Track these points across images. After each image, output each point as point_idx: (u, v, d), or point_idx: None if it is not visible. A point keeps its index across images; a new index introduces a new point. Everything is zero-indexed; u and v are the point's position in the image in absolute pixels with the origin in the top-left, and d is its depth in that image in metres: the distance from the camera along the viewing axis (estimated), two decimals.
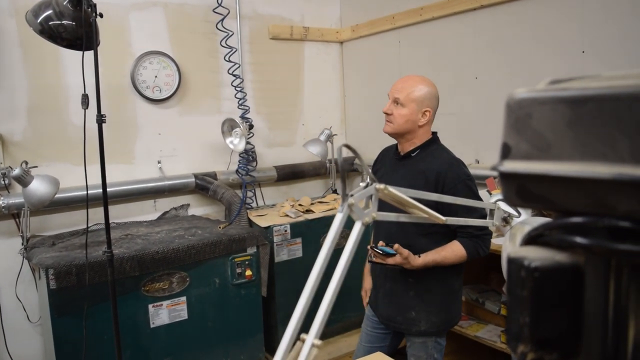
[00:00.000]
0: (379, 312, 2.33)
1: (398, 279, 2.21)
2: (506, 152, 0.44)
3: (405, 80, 2.21)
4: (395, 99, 2.17)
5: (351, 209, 0.67)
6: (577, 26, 2.62)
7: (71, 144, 3.11)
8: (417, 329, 2.20)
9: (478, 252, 2.11)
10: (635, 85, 0.36)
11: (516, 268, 0.42)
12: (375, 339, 2.38)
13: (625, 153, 0.36)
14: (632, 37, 2.40)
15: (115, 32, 3.25)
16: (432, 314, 2.19)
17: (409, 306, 2.20)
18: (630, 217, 0.37)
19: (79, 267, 2.51)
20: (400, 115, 2.16)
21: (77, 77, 2.35)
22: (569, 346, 0.42)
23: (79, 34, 2.26)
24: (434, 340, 2.23)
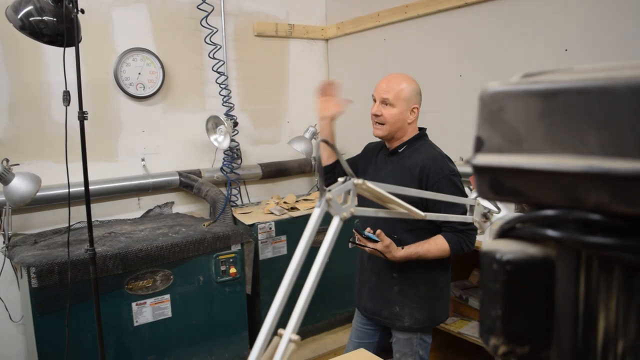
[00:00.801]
0: (363, 306, 2.34)
1: (382, 274, 2.22)
2: (479, 146, 0.44)
3: (390, 80, 2.19)
4: (383, 99, 2.16)
5: (329, 204, 0.67)
6: (560, 24, 2.64)
7: (53, 141, 3.07)
8: (400, 324, 2.21)
9: (462, 247, 2.11)
10: (606, 78, 0.36)
11: (488, 261, 0.42)
12: (364, 335, 2.40)
13: (594, 146, 0.36)
14: (615, 35, 2.42)
15: (98, 28, 3.22)
16: (416, 310, 2.20)
17: (393, 301, 2.21)
18: (600, 210, 0.37)
19: (61, 266, 2.49)
20: (390, 116, 2.15)
21: (59, 74, 2.32)
22: (540, 339, 0.42)
23: (60, 30, 2.24)
24: (419, 337, 2.24)
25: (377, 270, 2.24)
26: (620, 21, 2.40)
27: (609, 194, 0.36)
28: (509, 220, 0.44)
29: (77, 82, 2.21)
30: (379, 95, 2.17)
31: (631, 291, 0.38)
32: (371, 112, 2.20)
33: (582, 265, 0.40)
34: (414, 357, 2.24)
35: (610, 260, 0.38)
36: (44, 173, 2.83)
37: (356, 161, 2.44)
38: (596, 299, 0.39)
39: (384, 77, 2.23)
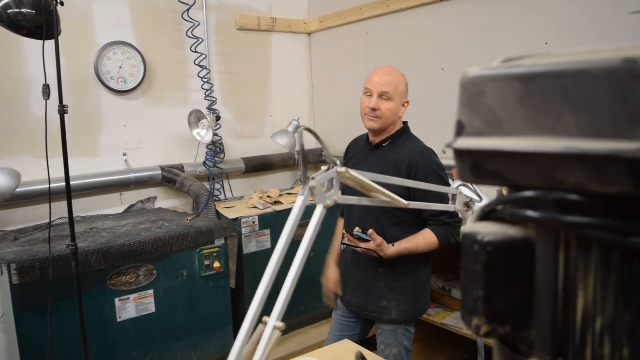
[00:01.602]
0: (349, 302, 2.35)
1: (369, 269, 2.24)
2: (460, 130, 0.44)
3: (388, 73, 2.18)
4: (382, 93, 2.14)
5: (312, 192, 0.67)
6: (540, 18, 2.66)
7: (33, 136, 3.03)
8: (388, 317, 2.23)
9: (449, 239, 2.14)
10: (582, 61, 0.37)
11: (470, 243, 0.43)
12: (345, 327, 2.40)
13: (572, 127, 0.37)
14: (596, 27, 2.45)
15: (77, 21, 3.18)
16: (402, 302, 2.23)
17: (380, 295, 2.23)
18: (578, 190, 0.38)
19: (43, 262, 2.47)
20: (388, 110, 2.14)
21: (38, 68, 2.30)
22: (521, 318, 0.43)
23: (39, 22, 2.21)
24: (403, 328, 2.26)
25: (363, 266, 2.25)
26: (600, 15, 2.43)
27: (586, 174, 0.37)
28: (490, 202, 0.44)
29: (57, 76, 2.18)
30: (377, 89, 2.14)
31: (608, 269, 0.39)
32: (367, 105, 2.16)
33: (561, 245, 0.40)
34: (398, 347, 2.26)
35: (588, 239, 0.39)
36: (24, 169, 2.80)
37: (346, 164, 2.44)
38: (575, 278, 0.40)
39: (377, 70, 2.21)
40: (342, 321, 2.42)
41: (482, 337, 0.45)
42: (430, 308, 3.08)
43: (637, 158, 0.34)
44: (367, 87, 2.17)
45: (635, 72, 0.34)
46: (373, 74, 2.19)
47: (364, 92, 2.19)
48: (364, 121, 2.20)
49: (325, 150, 0.74)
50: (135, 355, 2.79)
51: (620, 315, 0.40)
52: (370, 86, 2.16)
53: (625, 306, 0.39)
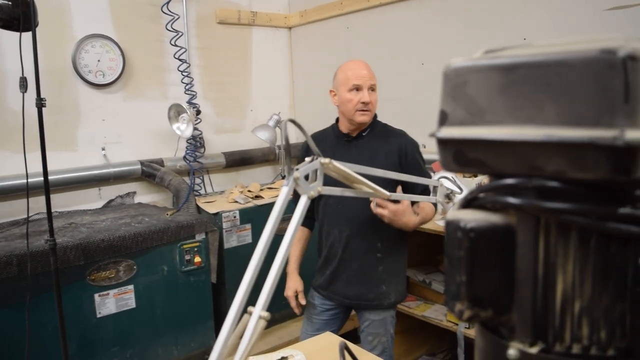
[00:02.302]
0: (342, 294, 2.32)
1: (366, 258, 2.25)
2: (443, 119, 0.45)
3: (366, 66, 2.22)
4: (372, 85, 2.18)
5: (297, 182, 0.68)
6: (519, 14, 2.69)
7: (10, 130, 2.98)
8: (388, 301, 2.28)
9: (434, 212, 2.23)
10: (562, 52, 0.38)
11: (453, 230, 0.44)
12: (323, 325, 2.39)
13: (552, 116, 0.38)
14: (573, 24, 2.49)
15: (54, 13, 3.13)
16: (398, 283, 2.31)
17: (379, 281, 2.26)
18: (557, 177, 0.39)
19: (20, 257, 2.43)
20: (376, 101, 2.21)
21: (15, 61, 2.26)
22: (502, 303, 0.44)
23: (15, 14, 2.17)
24: (391, 316, 2.32)
25: (360, 256, 2.25)
26: (576, 11, 2.47)
27: (565, 161, 0.38)
28: (472, 190, 0.46)
29: (35, 68, 2.15)
30: (366, 83, 2.16)
31: (586, 253, 0.40)
32: (358, 100, 2.16)
33: (541, 231, 0.42)
34: (386, 336, 2.30)
35: (567, 224, 0.40)
36: (0, 163, 2.76)
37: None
38: (554, 263, 0.42)
39: (354, 64, 2.23)
40: (318, 320, 2.40)
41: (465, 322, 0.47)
42: (410, 300, 3.11)
43: (614, 145, 0.35)
44: (356, 83, 2.16)
45: (612, 62, 0.36)
46: (355, 69, 2.19)
47: (350, 88, 2.17)
48: (354, 117, 2.18)
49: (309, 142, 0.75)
50: (115, 351, 2.78)
51: (597, 298, 0.41)
52: (359, 81, 2.16)
53: (602, 289, 0.41)
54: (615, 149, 0.35)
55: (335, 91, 2.28)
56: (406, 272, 2.41)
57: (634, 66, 0.35)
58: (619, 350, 0.42)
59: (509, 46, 0.44)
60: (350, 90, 2.17)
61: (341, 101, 2.21)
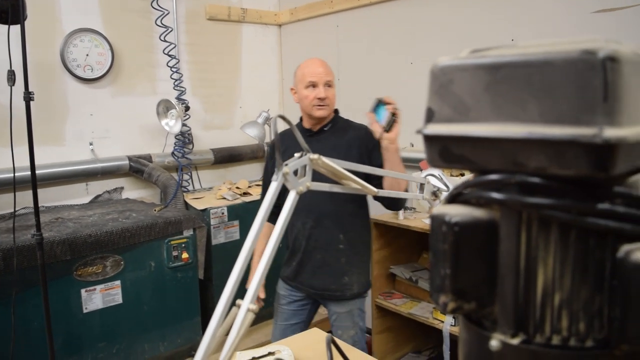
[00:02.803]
0: (309, 285, 2.38)
1: (328, 249, 2.31)
2: (430, 116, 0.47)
3: (322, 64, 2.33)
4: (327, 82, 2.28)
5: (286, 177, 0.69)
6: (507, 15, 2.72)
7: None
8: (350, 292, 2.34)
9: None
10: (545, 52, 0.40)
11: (438, 224, 0.45)
12: (291, 315, 2.46)
13: (534, 114, 0.40)
14: (560, 25, 2.52)
15: (43, 7, 3.11)
16: (361, 275, 2.36)
17: (342, 272, 2.32)
18: (539, 173, 0.41)
19: (6, 252, 2.42)
20: (333, 96, 2.30)
21: (3, 54, 2.25)
22: (485, 295, 0.46)
23: (4, 6, 2.16)
24: (358, 308, 2.37)
25: (323, 247, 2.31)
26: (564, 13, 2.50)
27: (547, 158, 0.39)
28: (457, 186, 0.47)
29: (23, 62, 2.15)
30: (322, 79, 2.27)
31: (566, 247, 0.42)
32: (314, 96, 2.27)
33: (523, 225, 0.43)
34: (355, 329, 2.34)
35: (548, 219, 0.42)
36: None
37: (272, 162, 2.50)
38: (535, 256, 0.43)
39: (311, 62, 2.35)
40: (287, 310, 2.47)
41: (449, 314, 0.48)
42: (397, 298, 3.13)
43: (594, 143, 0.37)
44: (311, 80, 2.28)
45: (592, 62, 0.37)
46: (311, 67, 2.31)
47: (307, 85, 2.28)
48: (312, 112, 2.29)
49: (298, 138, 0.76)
50: (102, 346, 2.77)
51: (576, 291, 0.43)
52: (314, 78, 2.27)
53: (581, 282, 0.42)
54: (595, 147, 0.37)
55: (295, 89, 2.39)
56: (370, 264, 2.49)
57: (613, 67, 0.37)
58: (597, 342, 0.43)
59: (494, 46, 0.45)
60: (307, 87, 2.28)
61: (300, 98, 2.33)
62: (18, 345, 2.45)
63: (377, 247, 3.13)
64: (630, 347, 0.41)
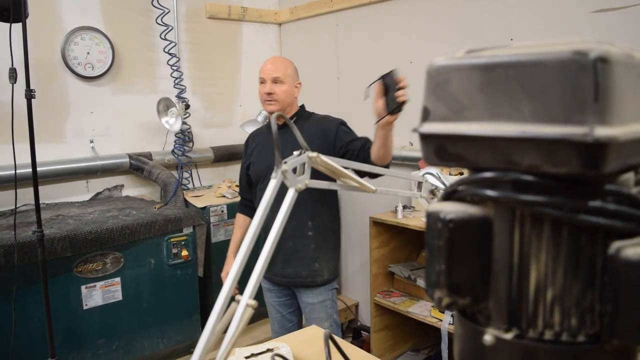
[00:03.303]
0: (282, 274, 2.43)
1: (299, 236, 2.37)
2: (426, 115, 0.48)
3: (275, 61, 2.44)
4: (274, 78, 2.36)
5: (285, 175, 0.69)
6: (506, 14, 2.73)
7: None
8: (321, 278, 2.40)
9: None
10: (537, 53, 0.41)
11: (433, 220, 0.46)
12: (282, 307, 2.53)
13: (527, 113, 0.41)
14: (559, 25, 2.53)
15: (44, 5, 3.12)
16: (330, 262, 2.43)
17: (312, 259, 2.38)
18: (532, 171, 0.42)
19: (7, 248, 2.43)
20: (282, 92, 2.36)
21: (4, 51, 2.25)
22: (479, 291, 0.47)
23: (6, 4, 2.17)
24: (330, 299, 2.44)
25: (293, 234, 2.37)
26: (563, 13, 2.51)
27: (539, 156, 0.40)
28: (452, 183, 0.48)
29: (25, 59, 2.15)
30: (269, 76, 2.37)
31: (558, 244, 0.43)
32: (262, 92, 2.38)
33: (516, 222, 0.44)
34: (329, 321, 2.39)
35: (540, 216, 0.43)
36: None
37: (247, 158, 2.60)
38: (528, 253, 0.44)
39: (267, 60, 2.46)
40: (278, 301, 2.53)
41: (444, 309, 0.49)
42: (395, 296, 3.14)
43: (584, 141, 0.37)
44: (261, 76, 2.40)
45: (583, 63, 0.38)
46: (264, 64, 2.43)
47: (259, 81, 2.41)
48: (264, 107, 2.44)
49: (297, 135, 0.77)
50: (102, 343, 2.78)
51: (568, 287, 0.44)
52: (263, 75, 2.40)
53: (573, 278, 0.43)
54: (586, 145, 0.38)
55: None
56: (339, 252, 2.55)
57: (604, 67, 0.38)
58: (589, 337, 0.44)
59: (489, 47, 0.46)
60: (260, 83, 2.42)
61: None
62: (19, 340, 2.46)
63: (375, 246, 3.14)
64: (621, 341, 0.42)
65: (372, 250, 3.13)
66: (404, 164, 3.23)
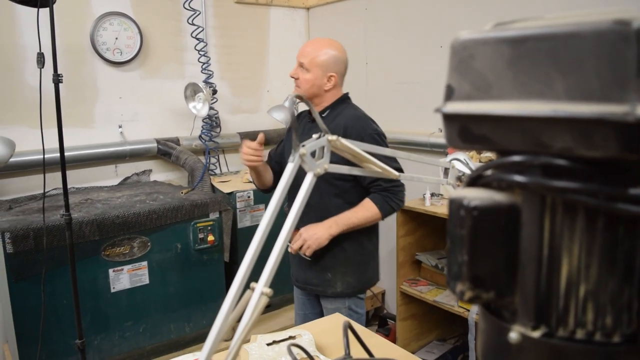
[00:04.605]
0: (296, 277, 2.34)
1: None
2: (449, 94, 0.44)
3: (311, 44, 2.19)
4: (300, 63, 2.16)
5: (303, 159, 0.66)
6: None
7: (28, 106, 3.01)
8: (332, 290, 2.20)
9: (391, 206, 2.08)
10: (572, 23, 0.37)
11: (456, 208, 0.43)
12: (305, 306, 2.41)
13: (560, 90, 0.37)
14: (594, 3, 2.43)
15: None
16: (347, 274, 2.19)
17: (324, 268, 2.20)
18: (564, 155, 0.38)
19: (37, 231, 2.47)
20: (305, 80, 2.15)
21: (33, 36, 2.27)
22: (505, 284, 0.43)
23: None
24: (346, 307, 2.21)
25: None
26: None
27: (573, 138, 0.36)
28: (478, 168, 0.44)
29: (52, 44, 2.16)
30: (297, 58, 2.17)
31: (593, 236, 0.39)
32: (290, 73, 2.21)
33: (546, 210, 0.40)
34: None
35: (573, 204, 0.39)
36: (18, 138, 2.78)
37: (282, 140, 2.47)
38: (560, 244, 0.40)
39: (309, 40, 2.25)
40: (302, 298, 2.42)
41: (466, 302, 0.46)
42: (422, 285, 3.10)
43: (624, 121, 0.34)
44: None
45: (625, 33, 0.34)
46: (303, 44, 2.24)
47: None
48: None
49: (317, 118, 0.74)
50: (128, 325, 2.82)
51: (604, 282, 0.40)
52: (297, 58, 2.19)
53: (609, 273, 0.40)
54: (626, 126, 0.34)
55: None
56: (365, 267, 2.24)
57: None
58: (625, 337, 0.41)
59: (520, 19, 0.42)
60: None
61: None
62: (48, 322, 2.50)
63: (402, 234, 3.10)
64: None
65: (399, 238, 3.09)
66: (432, 150, 3.17)
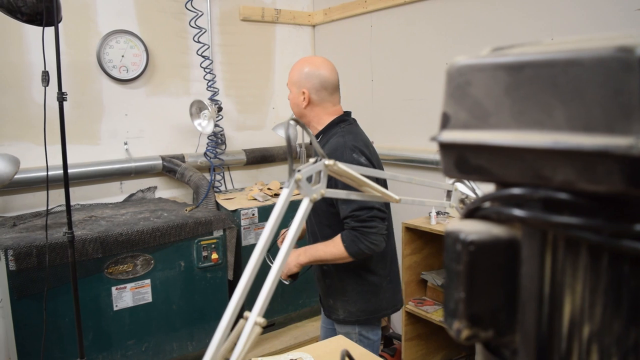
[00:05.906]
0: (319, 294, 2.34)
1: (317, 267, 2.20)
2: (445, 122, 0.42)
3: (294, 64, 2.15)
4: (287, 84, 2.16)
5: (298, 184, 0.65)
6: (545, 14, 2.62)
7: (33, 123, 3.02)
8: (335, 316, 2.16)
9: (360, 248, 1.88)
10: (572, 50, 0.35)
11: (452, 242, 0.41)
12: (326, 321, 2.37)
13: (561, 120, 0.35)
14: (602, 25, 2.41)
15: (80, 9, 3.16)
16: (348, 303, 2.11)
17: (327, 294, 2.18)
18: (566, 188, 0.36)
19: (40, 249, 2.45)
20: (290, 99, 2.13)
21: (40, 54, 2.28)
22: (504, 323, 0.41)
23: (39, 8, 2.19)
24: (357, 332, 2.14)
25: (314, 265, 2.19)
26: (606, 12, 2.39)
27: (575, 171, 0.34)
28: (475, 200, 0.42)
29: (57, 63, 2.17)
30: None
31: (597, 274, 0.37)
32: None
33: (548, 246, 0.38)
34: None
35: (576, 240, 0.37)
36: (24, 155, 2.79)
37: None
38: (562, 282, 0.38)
39: None
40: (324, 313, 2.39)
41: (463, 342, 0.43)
42: (428, 305, 3.06)
43: (629, 154, 0.31)
44: None
45: (628, 61, 0.32)
46: None
47: None
48: None
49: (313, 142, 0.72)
50: (131, 344, 2.79)
51: (608, 323, 0.37)
52: None
53: (614, 313, 0.37)
54: (631, 159, 0.32)
55: None
56: (368, 295, 2.10)
57: None
58: None
59: (517, 44, 0.41)
60: None
61: None
62: (49, 340, 2.48)
63: (408, 253, 3.06)
64: None
65: (405, 257, 3.06)
66: (438, 168, 3.14)
